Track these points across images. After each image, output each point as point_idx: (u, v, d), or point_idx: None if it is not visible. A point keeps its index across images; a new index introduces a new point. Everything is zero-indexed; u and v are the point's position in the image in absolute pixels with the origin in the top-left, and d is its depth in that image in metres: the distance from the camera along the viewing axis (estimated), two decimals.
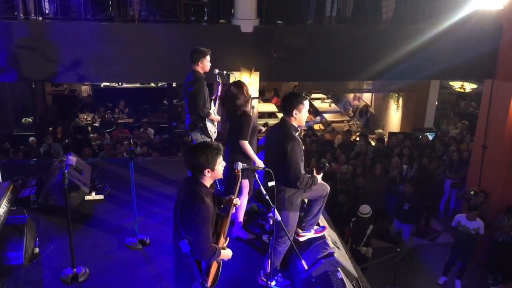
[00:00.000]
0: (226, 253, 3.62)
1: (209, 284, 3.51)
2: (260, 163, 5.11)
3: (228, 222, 3.69)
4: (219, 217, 3.62)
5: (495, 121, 9.55)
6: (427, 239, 10.57)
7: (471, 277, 9.38)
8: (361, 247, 8.70)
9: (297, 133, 4.36)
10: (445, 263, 9.27)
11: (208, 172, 3.42)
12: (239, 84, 5.27)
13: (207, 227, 3.36)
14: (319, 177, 4.55)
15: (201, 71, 5.91)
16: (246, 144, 5.10)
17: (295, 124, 4.36)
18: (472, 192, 9.59)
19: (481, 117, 10.23)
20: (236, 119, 5.17)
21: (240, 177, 3.84)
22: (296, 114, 4.30)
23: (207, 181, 3.48)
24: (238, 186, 3.88)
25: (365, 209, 8.70)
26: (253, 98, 5.66)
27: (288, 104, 4.33)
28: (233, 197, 3.74)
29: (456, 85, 12.98)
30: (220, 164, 3.47)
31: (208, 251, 3.39)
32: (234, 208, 3.77)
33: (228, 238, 3.75)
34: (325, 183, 4.79)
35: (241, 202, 5.37)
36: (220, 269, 3.69)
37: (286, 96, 4.50)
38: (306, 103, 4.34)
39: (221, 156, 3.47)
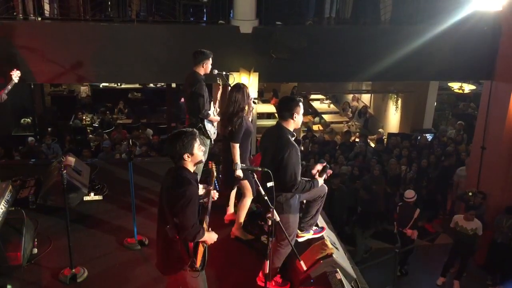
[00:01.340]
0: (210, 236, 3.74)
1: (197, 264, 3.61)
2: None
3: (207, 212, 3.86)
4: (201, 206, 3.77)
5: (493, 122, 9.56)
6: (426, 240, 10.58)
7: (470, 278, 9.38)
8: (407, 229, 8.99)
9: (293, 138, 4.35)
10: (443, 264, 9.27)
11: (188, 156, 3.58)
12: (241, 88, 5.27)
13: (192, 206, 3.50)
14: (321, 180, 4.54)
15: (202, 73, 5.92)
16: (235, 147, 5.16)
17: (291, 128, 4.35)
18: (470, 193, 9.61)
19: (480, 118, 10.25)
20: (232, 124, 5.18)
21: (213, 168, 4.04)
22: (295, 117, 4.30)
23: (189, 166, 3.64)
24: (214, 178, 4.09)
25: (410, 194, 9.04)
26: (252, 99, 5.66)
27: (287, 108, 4.31)
28: (210, 188, 3.91)
29: (455, 86, 12.98)
30: (199, 149, 3.63)
31: (192, 228, 3.50)
32: (211, 198, 3.92)
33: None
34: (324, 184, 4.78)
35: (244, 203, 5.39)
36: (207, 253, 3.76)
37: (283, 101, 4.49)
38: (301, 105, 4.35)
39: (198, 141, 3.64)
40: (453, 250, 9.13)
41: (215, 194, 3.97)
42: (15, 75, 6.05)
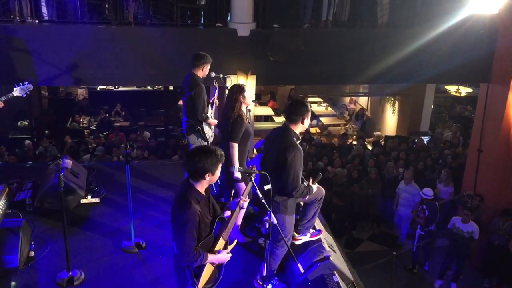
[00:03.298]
0: (219, 257, 3.60)
1: (200, 286, 3.52)
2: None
3: (231, 226, 3.67)
4: (220, 219, 3.64)
5: (490, 124, 9.59)
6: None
7: (467, 280, 9.39)
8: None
9: (299, 141, 4.37)
10: (440, 266, 9.28)
11: (208, 176, 3.45)
12: (240, 87, 5.27)
13: (189, 232, 3.37)
14: (315, 187, 4.55)
15: (201, 76, 5.94)
16: (234, 146, 5.13)
17: (298, 131, 4.39)
18: (468, 196, 9.62)
19: (476, 120, 10.27)
20: (230, 122, 5.18)
21: (252, 179, 3.82)
22: (304, 121, 4.35)
23: (203, 185, 3.51)
24: (248, 189, 3.82)
25: (430, 191, 9.22)
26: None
27: (298, 112, 4.34)
28: (242, 198, 3.72)
29: (451, 88, 13.04)
30: (219, 171, 3.51)
31: (187, 255, 3.39)
32: (239, 209, 3.73)
33: (235, 241, 3.78)
34: (321, 187, 4.79)
35: None
36: (220, 271, 3.69)
37: (294, 104, 4.50)
38: (310, 110, 4.42)
39: (221, 164, 3.51)
40: (450, 252, 9.14)
41: (244, 203, 3.71)
42: (23, 89, 5.62)
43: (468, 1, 7.88)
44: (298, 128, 4.38)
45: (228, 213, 3.75)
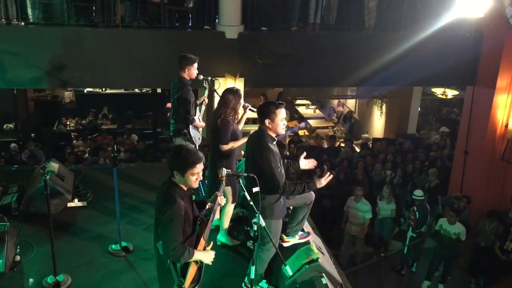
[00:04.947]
0: (204, 256, 3.64)
1: (186, 285, 3.53)
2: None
3: (210, 225, 3.75)
4: (200, 220, 3.68)
5: (476, 127, 9.69)
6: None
7: (454, 281, 9.45)
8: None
9: (274, 142, 4.33)
10: (428, 267, 9.33)
11: (177, 174, 3.48)
12: (235, 93, 5.25)
13: (175, 227, 3.40)
14: (319, 183, 4.30)
15: (187, 78, 5.91)
16: (225, 148, 5.11)
17: (271, 133, 4.33)
18: (455, 197, 9.69)
19: (462, 123, 10.37)
20: (217, 125, 5.16)
21: (224, 180, 3.90)
22: (268, 123, 4.27)
23: (180, 183, 3.54)
24: (223, 187, 3.96)
25: (421, 192, 9.23)
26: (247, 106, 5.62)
27: (260, 113, 4.32)
28: (218, 193, 3.84)
29: (438, 91, 13.13)
30: (193, 176, 3.48)
31: (174, 251, 3.41)
32: (218, 207, 3.85)
33: (211, 243, 3.81)
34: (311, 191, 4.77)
35: (227, 209, 5.37)
36: (202, 271, 3.71)
37: (261, 105, 4.47)
38: (280, 111, 4.27)
39: (196, 169, 3.47)
40: (437, 253, 9.20)
41: (222, 200, 3.91)
42: None
43: (454, 5, 7.96)
44: (269, 130, 4.31)
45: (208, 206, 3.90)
